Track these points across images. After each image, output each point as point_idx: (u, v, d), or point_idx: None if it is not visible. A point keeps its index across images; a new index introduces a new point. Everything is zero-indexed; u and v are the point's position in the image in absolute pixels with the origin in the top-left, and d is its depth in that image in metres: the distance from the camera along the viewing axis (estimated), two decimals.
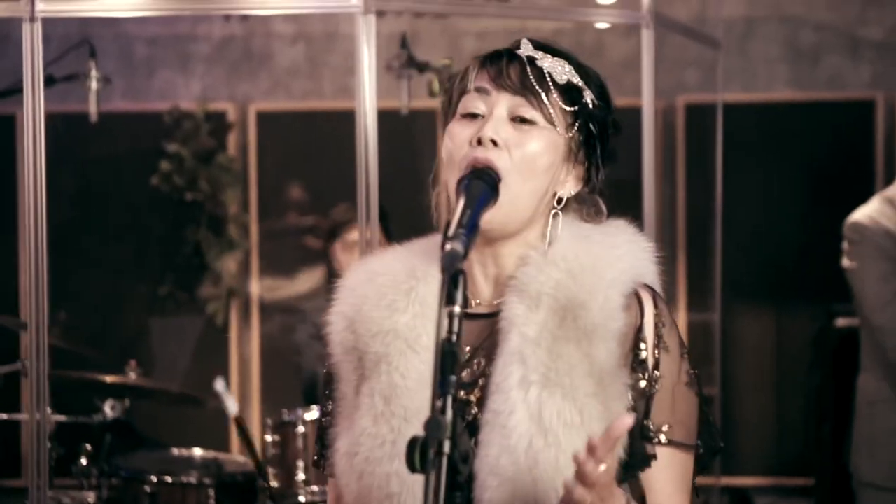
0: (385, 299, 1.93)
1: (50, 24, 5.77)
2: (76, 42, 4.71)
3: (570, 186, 1.95)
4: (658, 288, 1.96)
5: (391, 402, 1.86)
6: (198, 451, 4.65)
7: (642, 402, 1.87)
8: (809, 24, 6.14)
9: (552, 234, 1.93)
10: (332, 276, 5.33)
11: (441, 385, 1.61)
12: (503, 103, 1.89)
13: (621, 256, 1.92)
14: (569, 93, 1.90)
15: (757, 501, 6.05)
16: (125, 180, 6.08)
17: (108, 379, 4.41)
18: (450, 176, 1.91)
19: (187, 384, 5.91)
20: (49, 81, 4.30)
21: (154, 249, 6.06)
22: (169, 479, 4.29)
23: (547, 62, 1.90)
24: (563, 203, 1.94)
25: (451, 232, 1.70)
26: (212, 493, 4.27)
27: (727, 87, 5.87)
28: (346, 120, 4.80)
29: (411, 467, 1.57)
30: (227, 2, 4.24)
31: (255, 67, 6.24)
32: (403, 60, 4.41)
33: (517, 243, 1.93)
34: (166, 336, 6.05)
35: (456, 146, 1.90)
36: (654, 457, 1.87)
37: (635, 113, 4.14)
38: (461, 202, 1.78)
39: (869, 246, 4.00)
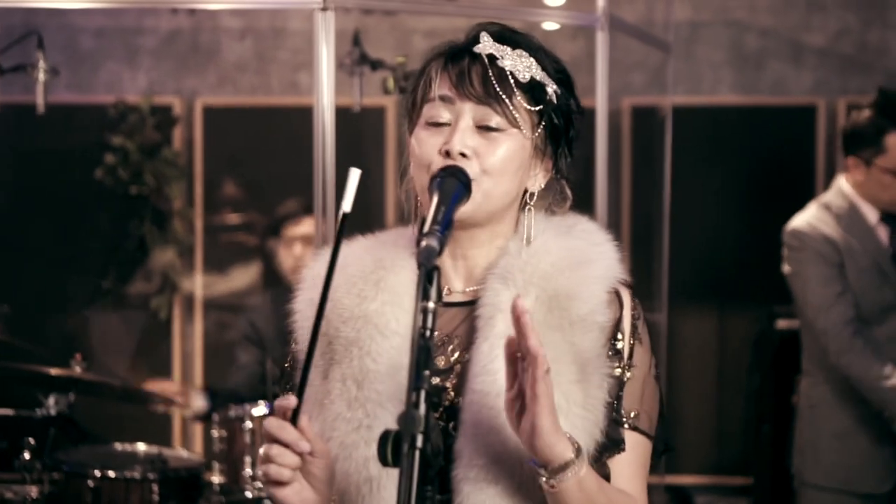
0: (355, 288, 1.95)
1: None
2: (21, 32, 4.66)
3: (539, 180, 1.98)
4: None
5: (364, 386, 1.89)
6: (141, 446, 4.61)
7: (616, 389, 1.91)
8: (754, 29, 6.20)
9: (528, 230, 1.96)
10: (272, 271, 5.33)
11: (415, 380, 1.63)
12: (468, 112, 1.90)
13: (604, 253, 1.96)
14: (532, 91, 1.91)
15: (697, 500, 6.11)
16: (69, 173, 6.02)
17: (53, 372, 4.37)
18: (419, 178, 1.93)
19: (130, 379, 5.86)
20: None
21: (98, 243, 6.01)
22: (112, 474, 4.24)
23: (508, 60, 1.90)
24: (535, 197, 1.97)
25: (426, 228, 1.72)
26: (155, 488, 4.24)
27: (673, 89, 5.94)
28: (293, 116, 4.80)
29: (383, 461, 1.60)
30: None
31: (202, 61, 6.21)
32: (356, 57, 4.40)
33: (488, 235, 1.96)
34: (109, 330, 6.00)
35: (424, 154, 1.91)
36: (624, 441, 1.91)
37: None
38: (435, 199, 1.80)
39: (809, 252, 4.07)
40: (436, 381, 1.91)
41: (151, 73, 6.19)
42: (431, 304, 1.65)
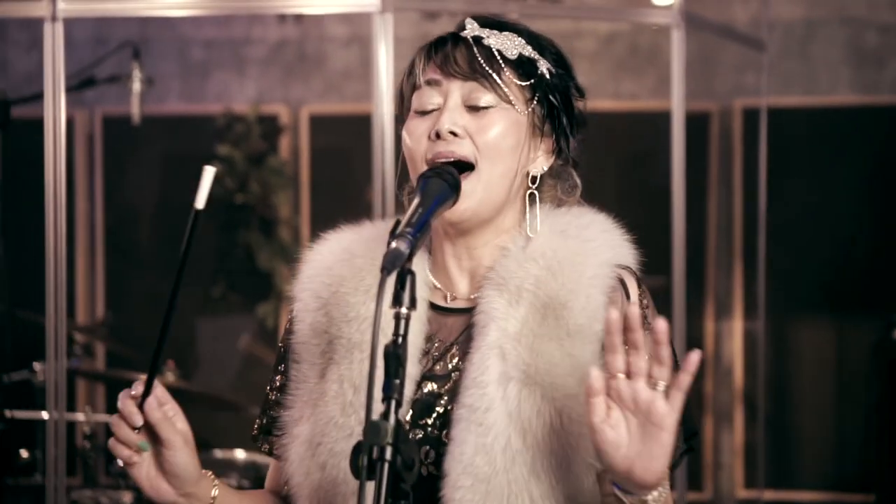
0: (363, 283, 1.86)
1: (107, 24, 5.89)
2: (135, 43, 4.73)
3: (541, 162, 1.88)
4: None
5: (361, 392, 1.79)
6: (240, 454, 4.63)
7: None
8: (873, 26, 5.96)
9: (531, 220, 1.86)
10: None
11: (384, 389, 1.55)
12: (455, 91, 1.82)
13: (597, 249, 1.84)
14: (522, 67, 1.83)
15: None
16: (177, 182, 6.09)
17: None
18: (413, 173, 1.86)
19: (239, 386, 5.91)
20: (89, 83, 4.33)
21: (205, 252, 6.06)
22: None
23: (494, 39, 1.82)
24: (538, 181, 1.88)
25: (399, 230, 1.63)
26: None
27: (787, 90, 5.74)
28: (399, 123, 4.76)
29: (355, 474, 1.53)
30: (240, 1, 4.17)
31: (308, 70, 6.22)
32: None
33: (492, 231, 1.87)
34: (217, 338, 6.05)
35: (415, 142, 1.84)
36: None
37: (694, 117, 4.08)
38: (416, 200, 1.71)
39: None
40: (433, 387, 1.83)
41: (259, 82, 6.24)
42: (404, 310, 1.58)
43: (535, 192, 1.87)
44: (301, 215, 6.06)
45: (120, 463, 1.81)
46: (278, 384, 1.95)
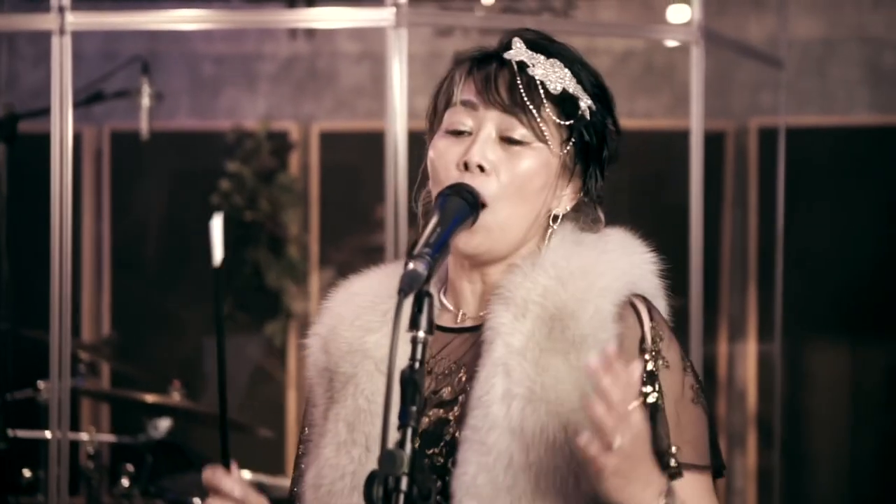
0: (360, 319, 1.82)
1: (117, 39, 5.85)
2: (145, 59, 4.69)
3: (565, 202, 1.81)
4: (660, 299, 1.81)
5: (354, 429, 1.76)
6: (247, 475, 4.56)
7: (652, 421, 1.71)
8: (892, 45, 5.90)
9: (546, 253, 1.78)
10: None
11: (401, 416, 1.50)
12: (491, 121, 1.75)
13: (613, 262, 1.77)
14: (563, 104, 1.75)
15: None
16: (186, 199, 6.04)
17: (150, 399, 4.34)
18: (435, 192, 1.78)
19: (245, 406, 5.85)
20: (97, 97, 4.28)
21: (212, 269, 6.00)
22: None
23: (539, 69, 1.73)
24: (560, 220, 1.80)
25: (416, 250, 1.58)
26: None
27: (804, 109, 5.67)
28: (411, 141, 4.72)
29: None
30: (252, 15, 4.12)
31: (320, 86, 6.17)
32: None
33: (508, 261, 1.80)
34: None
35: (442, 166, 1.76)
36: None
37: (710, 136, 4.02)
38: (434, 219, 1.66)
39: None
40: (440, 412, 1.76)
41: (270, 99, 6.19)
42: (422, 334, 1.53)
43: (555, 230, 1.80)
44: (310, 233, 6.01)
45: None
46: (303, 436, 1.92)
